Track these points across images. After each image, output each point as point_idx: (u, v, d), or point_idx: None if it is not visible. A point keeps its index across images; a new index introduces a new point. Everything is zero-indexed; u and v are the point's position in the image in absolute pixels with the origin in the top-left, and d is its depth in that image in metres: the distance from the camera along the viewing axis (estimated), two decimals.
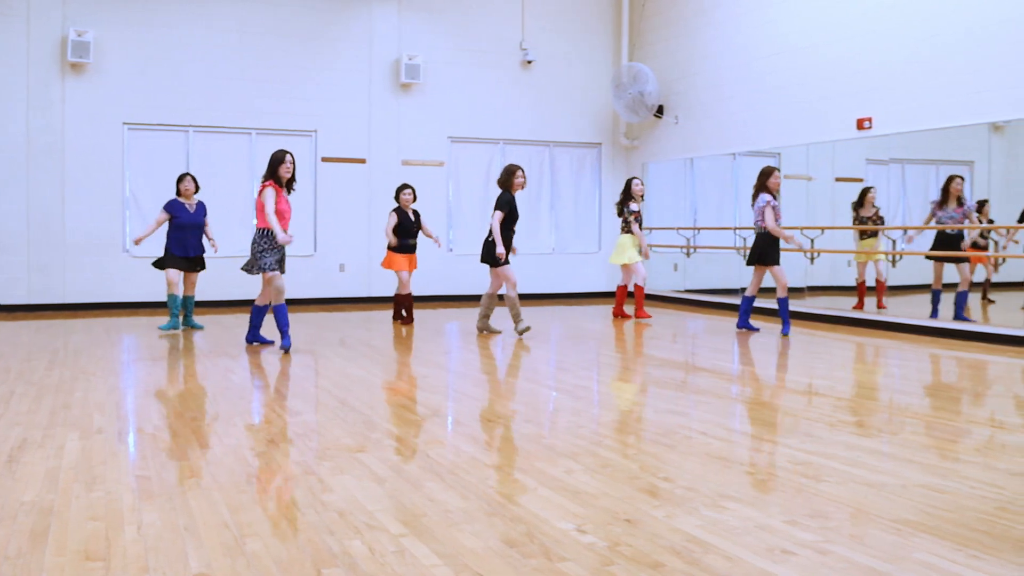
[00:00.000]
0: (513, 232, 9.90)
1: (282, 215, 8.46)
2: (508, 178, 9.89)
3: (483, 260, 9.91)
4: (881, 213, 11.45)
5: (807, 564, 3.15)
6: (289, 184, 8.59)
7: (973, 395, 7.07)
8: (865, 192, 11.44)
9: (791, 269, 12.13)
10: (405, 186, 11.22)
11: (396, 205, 11.27)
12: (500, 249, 9.63)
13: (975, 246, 10.46)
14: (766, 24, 12.66)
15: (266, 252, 8.46)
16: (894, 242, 11.15)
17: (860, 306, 11.59)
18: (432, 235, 11.34)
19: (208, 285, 13.20)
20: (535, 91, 15.17)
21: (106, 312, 12.63)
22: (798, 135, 12.16)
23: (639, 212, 11.85)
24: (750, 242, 13.02)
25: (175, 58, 13.19)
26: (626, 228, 11.85)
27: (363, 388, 6.84)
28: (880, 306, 11.32)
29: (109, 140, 12.96)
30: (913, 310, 10.75)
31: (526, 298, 14.54)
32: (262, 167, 13.60)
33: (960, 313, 10.08)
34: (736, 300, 13.25)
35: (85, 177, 12.80)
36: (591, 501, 3.91)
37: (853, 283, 11.75)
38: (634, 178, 12.00)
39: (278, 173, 8.45)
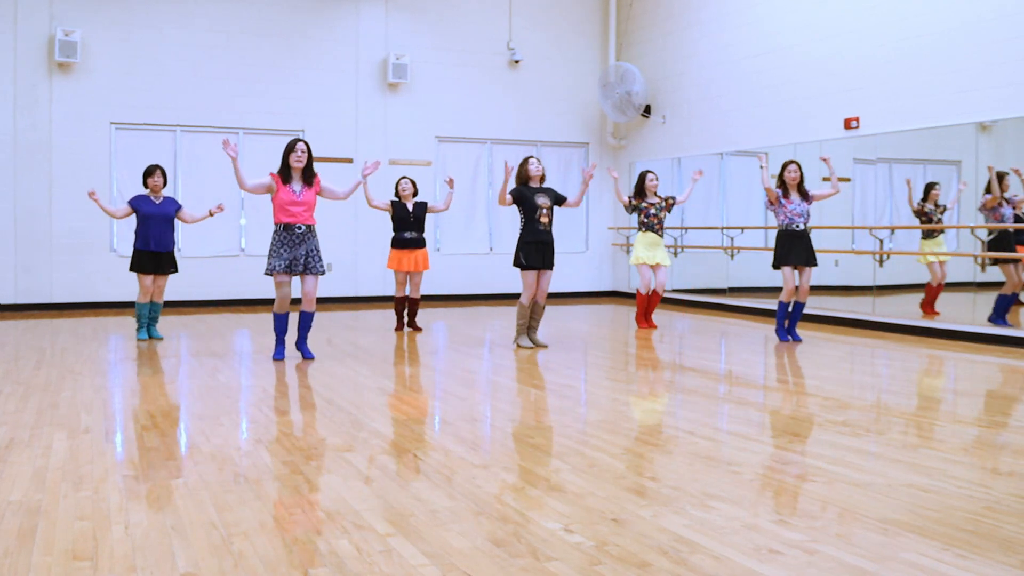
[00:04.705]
0: (534, 229, 8.77)
1: (284, 209, 7.86)
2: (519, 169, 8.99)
3: None
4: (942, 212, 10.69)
5: (794, 564, 3.17)
6: (306, 174, 7.92)
7: (961, 395, 7.10)
8: (930, 187, 10.64)
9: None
10: (403, 178, 10.67)
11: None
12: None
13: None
14: (753, 24, 12.70)
15: (271, 251, 7.97)
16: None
17: (931, 310, 10.62)
18: (447, 199, 10.52)
19: (201, 285, 13.19)
20: (522, 91, 15.18)
21: (93, 312, 12.59)
22: (785, 135, 12.19)
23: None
24: (738, 241, 13.11)
25: (163, 58, 13.15)
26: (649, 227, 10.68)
27: (350, 388, 6.84)
28: (933, 312, 10.54)
29: (96, 140, 12.90)
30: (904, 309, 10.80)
31: (512, 298, 14.55)
32: (250, 167, 13.59)
33: (1003, 318, 9.56)
34: (724, 300, 13.27)
35: (72, 177, 12.73)
36: (578, 501, 3.92)
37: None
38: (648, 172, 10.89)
39: (289, 163, 7.86)
